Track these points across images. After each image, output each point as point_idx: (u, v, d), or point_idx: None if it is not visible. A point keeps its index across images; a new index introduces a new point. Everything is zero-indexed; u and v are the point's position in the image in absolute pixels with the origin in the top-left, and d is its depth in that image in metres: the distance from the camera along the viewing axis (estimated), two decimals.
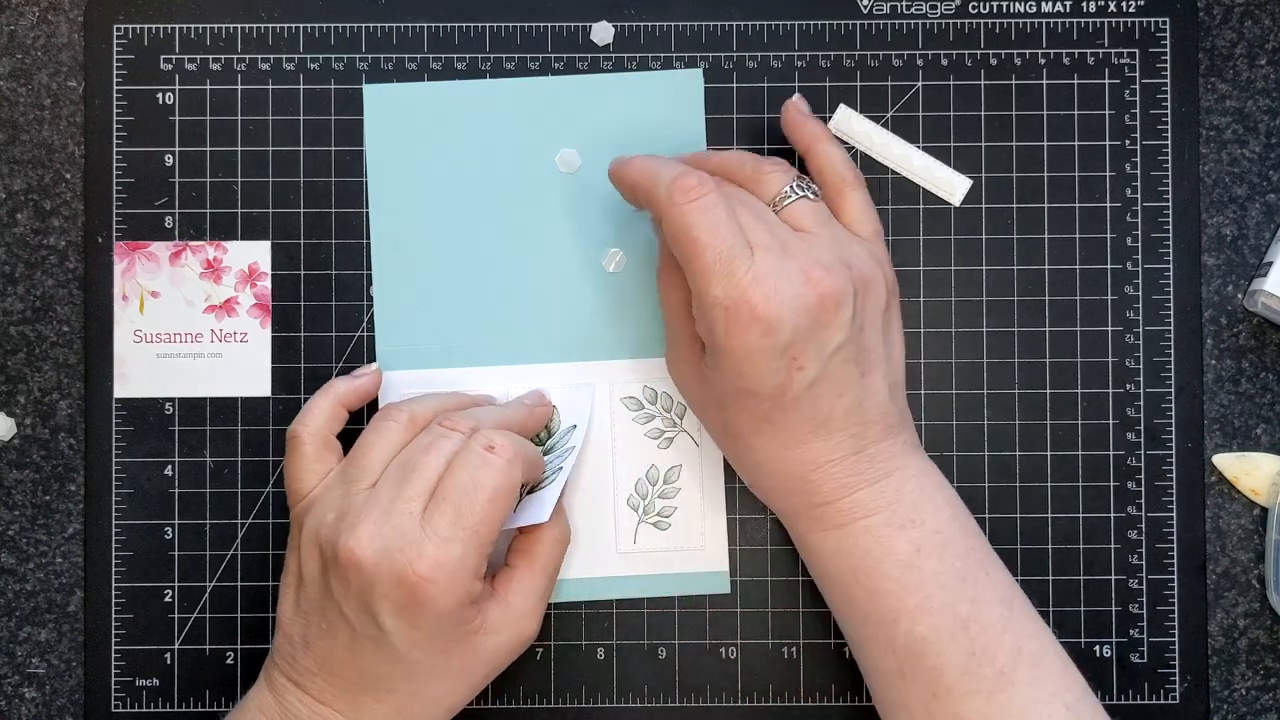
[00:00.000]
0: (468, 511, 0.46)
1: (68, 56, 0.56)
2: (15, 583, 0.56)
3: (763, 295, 0.45)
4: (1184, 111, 0.56)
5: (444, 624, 0.46)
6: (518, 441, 0.49)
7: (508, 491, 0.47)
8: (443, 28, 0.56)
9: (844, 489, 0.47)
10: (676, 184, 0.46)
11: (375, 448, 0.49)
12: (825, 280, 0.45)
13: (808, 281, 0.45)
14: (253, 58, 0.56)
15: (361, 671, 0.47)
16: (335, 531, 0.47)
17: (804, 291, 0.45)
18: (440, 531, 0.46)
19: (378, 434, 0.50)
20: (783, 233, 0.47)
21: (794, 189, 0.49)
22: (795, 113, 0.52)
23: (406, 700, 0.48)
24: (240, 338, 0.56)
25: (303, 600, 0.49)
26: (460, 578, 0.46)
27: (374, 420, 0.51)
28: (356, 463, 0.49)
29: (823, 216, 0.49)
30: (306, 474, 0.50)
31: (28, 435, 0.56)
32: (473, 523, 0.46)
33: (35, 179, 0.56)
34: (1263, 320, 0.56)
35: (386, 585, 0.45)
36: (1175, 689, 0.55)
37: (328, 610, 0.47)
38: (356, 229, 0.56)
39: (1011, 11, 0.56)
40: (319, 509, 0.49)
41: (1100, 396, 0.55)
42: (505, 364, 0.55)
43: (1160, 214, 0.56)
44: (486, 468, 0.47)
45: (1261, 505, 0.55)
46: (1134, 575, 0.55)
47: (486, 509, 0.47)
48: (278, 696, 0.49)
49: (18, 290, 0.56)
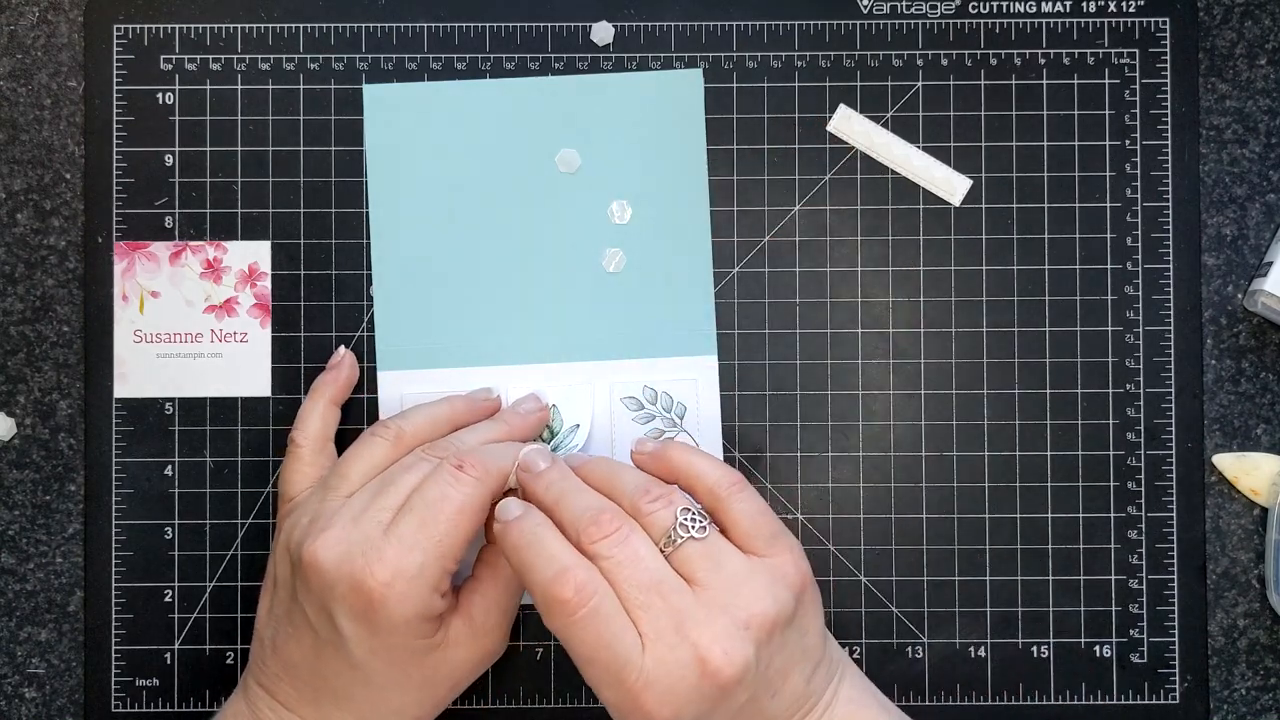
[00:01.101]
0: (431, 523, 0.46)
1: (68, 56, 0.56)
2: (15, 583, 0.56)
3: (656, 700, 0.43)
4: (1184, 111, 0.56)
5: (402, 634, 0.46)
6: (491, 458, 0.48)
7: (475, 508, 0.47)
8: (443, 28, 0.56)
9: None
10: (553, 593, 0.44)
11: (359, 459, 0.50)
12: (725, 668, 0.44)
13: (705, 674, 0.44)
14: (253, 58, 0.56)
15: (323, 677, 0.48)
16: (305, 534, 0.47)
17: (701, 684, 0.44)
18: (403, 540, 0.46)
19: (364, 446, 0.50)
20: (676, 599, 0.44)
21: (679, 530, 0.46)
22: (641, 457, 0.50)
23: (367, 710, 0.48)
24: (240, 338, 0.56)
25: (275, 604, 0.49)
26: (418, 587, 0.46)
27: (364, 434, 0.51)
28: (339, 471, 0.50)
29: (714, 558, 0.46)
30: (298, 478, 0.51)
31: (28, 435, 0.56)
32: (436, 534, 0.46)
33: (35, 179, 0.56)
34: (1263, 320, 0.56)
35: (344, 588, 0.46)
36: (1175, 689, 0.55)
37: (294, 614, 0.48)
38: (356, 229, 0.56)
39: (1011, 11, 0.56)
40: (297, 514, 0.49)
41: (1100, 396, 0.55)
42: (505, 364, 0.55)
43: (1160, 214, 0.56)
44: (455, 483, 0.47)
45: (1261, 505, 0.55)
46: (1134, 575, 0.55)
47: (451, 521, 0.46)
48: (250, 703, 0.49)
49: (18, 290, 0.56)
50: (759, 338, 0.56)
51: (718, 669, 0.43)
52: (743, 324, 0.56)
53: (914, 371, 0.55)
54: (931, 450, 0.55)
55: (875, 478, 0.55)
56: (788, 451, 0.55)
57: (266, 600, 0.50)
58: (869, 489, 0.55)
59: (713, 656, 0.44)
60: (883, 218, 0.56)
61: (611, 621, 0.44)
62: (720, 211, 0.56)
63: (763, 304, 0.56)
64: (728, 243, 0.56)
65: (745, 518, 0.47)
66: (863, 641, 0.55)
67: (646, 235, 0.55)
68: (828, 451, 0.55)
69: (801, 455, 0.55)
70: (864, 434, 0.55)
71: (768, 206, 0.56)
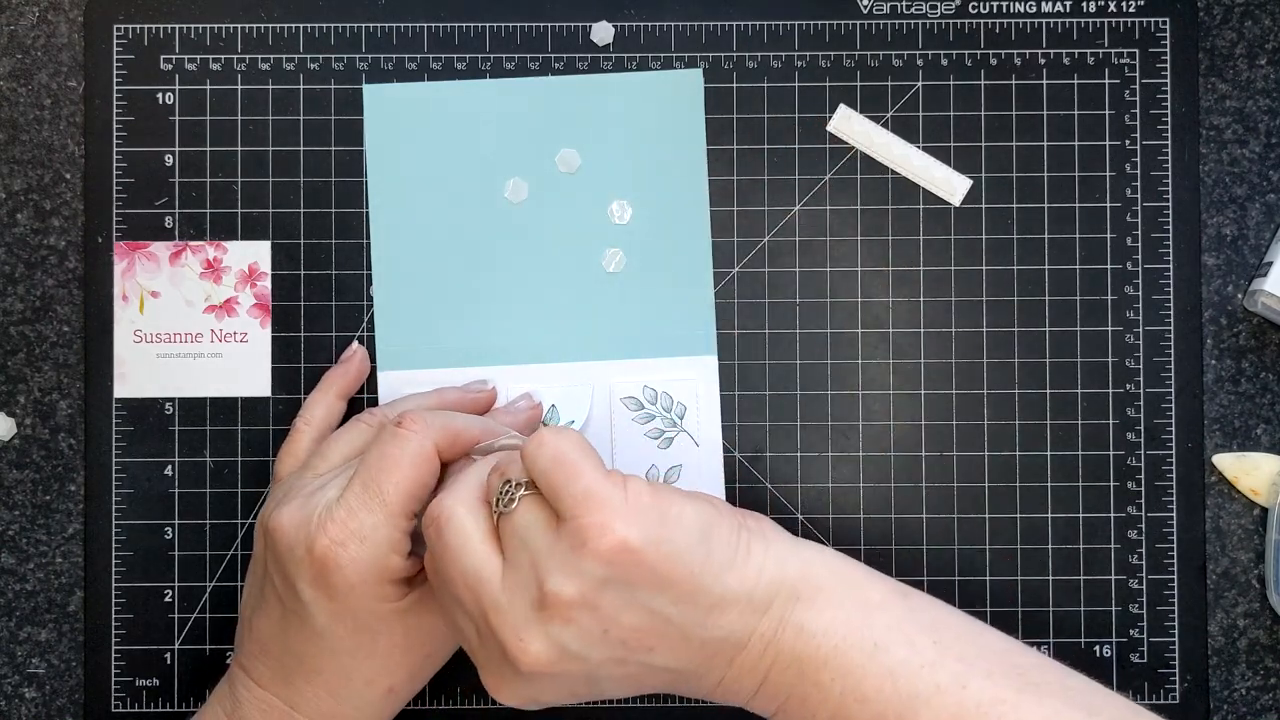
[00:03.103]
0: (374, 482, 0.46)
1: (68, 56, 0.56)
2: (15, 583, 0.56)
3: (497, 689, 0.44)
4: (1184, 111, 0.56)
5: (361, 597, 0.46)
6: (433, 415, 0.48)
7: (417, 460, 0.46)
8: (443, 28, 0.56)
9: (755, 674, 0.43)
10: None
11: (339, 442, 0.51)
12: (520, 657, 0.42)
13: (508, 661, 0.43)
14: (253, 58, 0.56)
15: (292, 652, 0.48)
16: (269, 511, 0.48)
17: (517, 673, 0.43)
18: (352, 501, 0.46)
19: (348, 431, 0.51)
20: (483, 590, 0.43)
21: (495, 504, 0.44)
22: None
23: (336, 683, 0.48)
24: (240, 338, 0.56)
25: (251, 581, 0.50)
26: (370, 547, 0.46)
27: (351, 419, 0.52)
28: (320, 452, 0.51)
29: (518, 533, 0.43)
30: (291, 460, 0.52)
31: (28, 435, 0.56)
32: (380, 491, 0.46)
33: (35, 179, 0.56)
34: (1263, 320, 0.56)
35: (300, 552, 0.46)
36: (1175, 689, 0.55)
37: (265, 588, 0.48)
38: (356, 229, 0.56)
39: (1011, 11, 0.56)
40: (278, 490, 0.50)
41: (1100, 396, 0.55)
42: (505, 364, 0.55)
43: (1160, 214, 0.56)
44: (394, 439, 0.47)
45: (1261, 505, 0.55)
46: (1134, 575, 0.55)
47: (393, 476, 0.46)
48: (231, 685, 0.49)
49: (18, 290, 0.56)
50: (759, 338, 0.56)
51: (515, 658, 0.42)
52: (743, 324, 0.56)
53: (914, 371, 0.55)
54: (931, 450, 0.55)
55: (875, 478, 0.55)
56: (788, 451, 0.55)
57: (248, 579, 0.51)
58: (869, 489, 0.55)
59: (509, 645, 0.42)
60: (883, 218, 0.56)
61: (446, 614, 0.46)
62: (720, 211, 0.56)
63: (763, 304, 0.56)
64: (728, 243, 0.56)
65: (541, 479, 0.43)
66: None
67: (646, 235, 0.55)
68: (828, 451, 0.55)
69: (801, 455, 0.55)
70: (864, 434, 0.55)
71: (768, 206, 0.56)
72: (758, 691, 0.44)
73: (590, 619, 0.42)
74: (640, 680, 0.44)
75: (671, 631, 0.43)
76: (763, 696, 0.44)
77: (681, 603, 0.42)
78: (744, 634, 0.43)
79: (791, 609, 0.43)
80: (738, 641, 0.43)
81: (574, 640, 0.42)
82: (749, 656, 0.43)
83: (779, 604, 0.43)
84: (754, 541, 0.44)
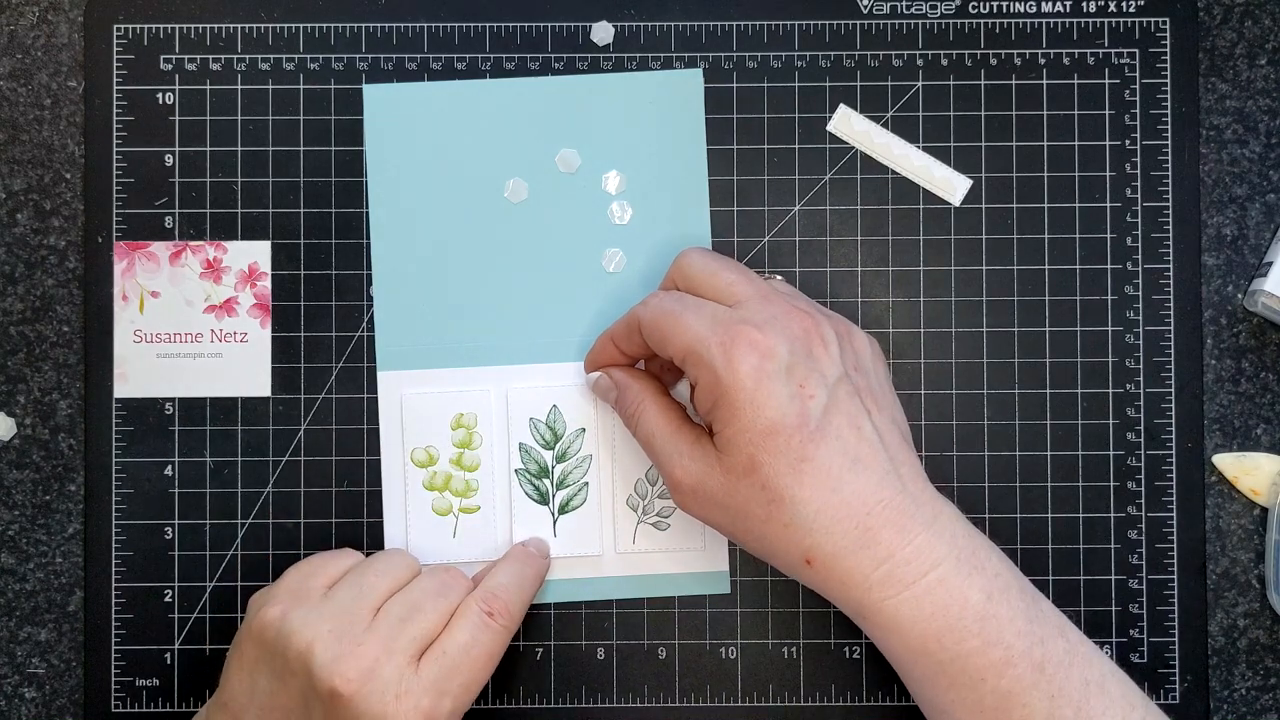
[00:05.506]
0: (460, 671, 0.48)
1: (68, 56, 0.56)
2: (15, 583, 0.56)
3: (755, 325, 0.46)
4: (1184, 111, 0.56)
5: None
6: (514, 602, 0.51)
7: (499, 654, 0.50)
8: (443, 28, 0.56)
9: (903, 534, 0.46)
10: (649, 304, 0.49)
11: (385, 576, 0.50)
12: (808, 316, 0.48)
13: (792, 312, 0.47)
14: (253, 58, 0.56)
15: None
16: (330, 651, 0.47)
17: (790, 322, 0.47)
18: (436, 685, 0.48)
19: (386, 564, 0.51)
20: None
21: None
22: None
23: None
24: (240, 338, 0.56)
25: (260, 691, 0.49)
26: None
27: (429, 568, 0.52)
28: (366, 581, 0.50)
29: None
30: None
31: (28, 435, 0.56)
32: (463, 681, 0.48)
33: (35, 179, 0.56)
34: (1263, 320, 0.56)
35: (328, 690, 0.46)
36: (1175, 689, 0.55)
37: (275, 688, 0.48)
38: (356, 229, 0.56)
39: (1011, 11, 0.56)
40: (317, 608, 0.49)
41: (1100, 396, 0.55)
42: (505, 364, 0.55)
43: (1160, 214, 0.56)
44: (485, 630, 0.49)
45: (1261, 505, 0.55)
46: (1134, 575, 0.55)
47: (478, 669, 0.49)
48: None
49: (18, 290, 0.56)
50: None
51: (802, 315, 0.48)
52: None
53: (914, 371, 0.55)
54: (932, 450, 0.55)
55: None
56: None
57: (244, 676, 0.49)
58: None
59: (796, 308, 0.48)
60: (883, 218, 0.56)
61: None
62: (720, 211, 0.56)
63: None
64: (728, 243, 0.56)
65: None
66: (863, 641, 0.55)
67: (646, 235, 0.55)
68: None
69: None
70: None
71: (768, 206, 0.56)
72: (930, 525, 0.46)
73: (848, 343, 0.49)
74: (828, 414, 0.46)
75: (879, 409, 0.48)
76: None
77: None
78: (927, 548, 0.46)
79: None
80: (915, 469, 0.48)
81: (835, 349, 0.48)
82: (927, 487, 0.48)
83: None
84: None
